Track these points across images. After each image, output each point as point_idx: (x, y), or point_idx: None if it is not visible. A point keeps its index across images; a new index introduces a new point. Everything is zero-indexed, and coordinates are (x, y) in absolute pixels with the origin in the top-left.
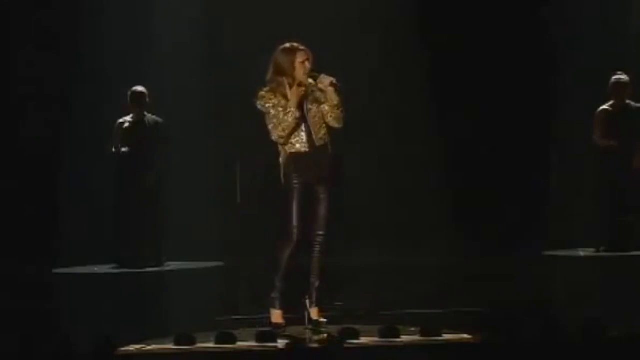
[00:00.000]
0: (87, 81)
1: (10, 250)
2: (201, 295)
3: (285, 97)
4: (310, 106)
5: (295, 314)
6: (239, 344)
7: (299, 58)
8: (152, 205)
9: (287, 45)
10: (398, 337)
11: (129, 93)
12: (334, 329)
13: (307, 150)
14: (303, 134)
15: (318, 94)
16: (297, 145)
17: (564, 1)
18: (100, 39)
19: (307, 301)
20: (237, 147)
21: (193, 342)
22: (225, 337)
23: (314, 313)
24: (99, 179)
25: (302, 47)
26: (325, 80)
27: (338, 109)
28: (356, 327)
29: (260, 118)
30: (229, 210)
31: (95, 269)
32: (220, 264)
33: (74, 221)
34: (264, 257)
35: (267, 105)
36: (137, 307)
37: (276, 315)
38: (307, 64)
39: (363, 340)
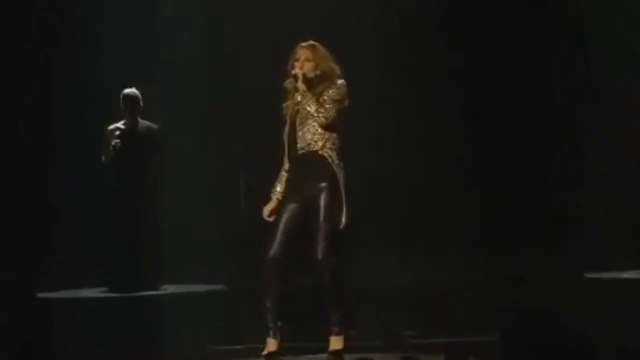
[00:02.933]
0: (80, 86)
1: None
2: (200, 321)
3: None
4: (297, 106)
5: (312, 343)
6: None
7: (294, 55)
8: (146, 221)
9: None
10: None
11: (121, 96)
12: None
13: (286, 162)
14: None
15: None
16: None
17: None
18: (99, 41)
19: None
20: (239, 155)
21: None
22: None
23: (332, 343)
24: (90, 191)
25: (303, 45)
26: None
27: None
28: (373, 357)
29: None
30: (232, 228)
31: (84, 292)
32: (221, 287)
33: (61, 239)
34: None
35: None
36: (131, 335)
37: (270, 344)
38: (297, 63)
39: None
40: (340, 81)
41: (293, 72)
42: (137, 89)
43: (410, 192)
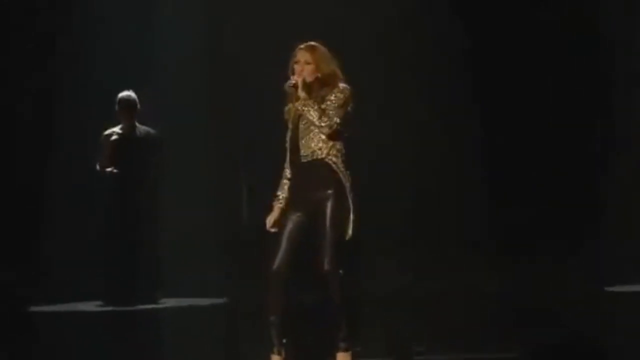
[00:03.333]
0: (80, 86)
1: None
2: (200, 337)
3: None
4: (299, 112)
5: (318, 359)
6: None
7: (293, 58)
8: (144, 231)
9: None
10: None
11: (117, 100)
12: None
13: (288, 169)
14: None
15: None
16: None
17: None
18: (99, 42)
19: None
20: (240, 158)
21: None
22: None
23: (339, 359)
24: (85, 200)
25: (302, 46)
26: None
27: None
28: None
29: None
30: (232, 228)
31: (80, 306)
32: (222, 300)
33: (55, 251)
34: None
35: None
36: (127, 351)
37: None
38: (297, 66)
39: None
40: (343, 85)
41: (292, 79)
42: (136, 90)
43: (411, 194)
